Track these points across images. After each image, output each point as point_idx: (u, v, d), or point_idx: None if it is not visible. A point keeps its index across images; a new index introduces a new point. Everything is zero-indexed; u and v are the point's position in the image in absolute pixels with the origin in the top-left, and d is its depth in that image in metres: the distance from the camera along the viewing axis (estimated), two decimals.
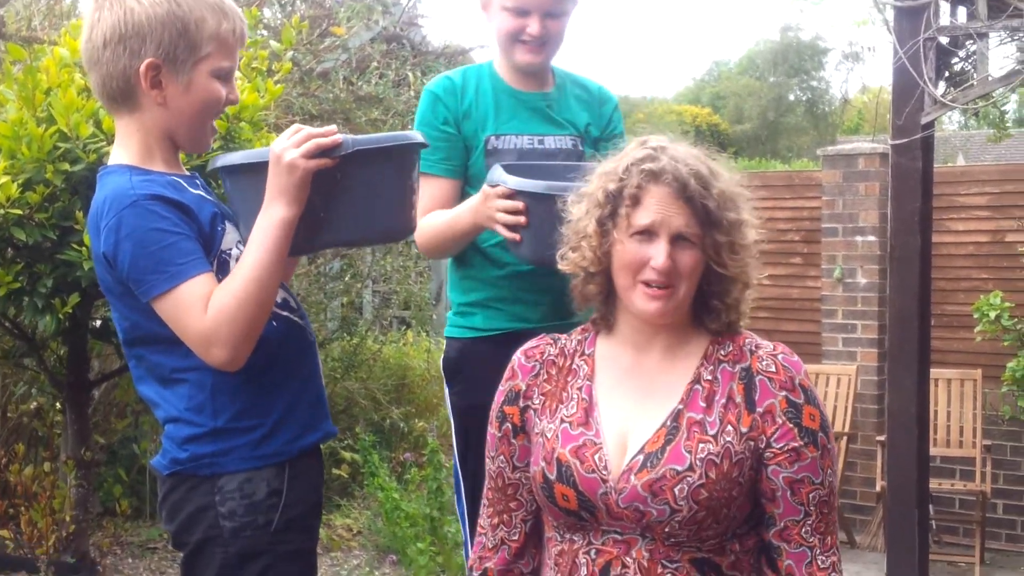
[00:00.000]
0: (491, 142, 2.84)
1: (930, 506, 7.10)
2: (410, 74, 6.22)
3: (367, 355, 7.31)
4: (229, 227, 2.22)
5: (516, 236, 2.57)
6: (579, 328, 2.17)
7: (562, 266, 2.11)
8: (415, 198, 2.31)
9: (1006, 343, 6.82)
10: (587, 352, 2.11)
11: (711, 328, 2.06)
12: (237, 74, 2.50)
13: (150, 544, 5.68)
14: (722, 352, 2.04)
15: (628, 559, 1.95)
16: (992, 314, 6.71)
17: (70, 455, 4.79)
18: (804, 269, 8.04)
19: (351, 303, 7.81)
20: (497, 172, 2.64)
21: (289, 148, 2.10)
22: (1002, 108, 5.94)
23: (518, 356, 2.15)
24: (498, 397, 2.14)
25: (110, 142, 3.55)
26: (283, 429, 2.21)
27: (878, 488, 6.89)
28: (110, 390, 5.73)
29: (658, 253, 1.96)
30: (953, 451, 7.14)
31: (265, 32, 5.21)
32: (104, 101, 2.25)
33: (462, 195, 2.85)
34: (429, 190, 2.80)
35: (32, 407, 5.53)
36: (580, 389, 2.06)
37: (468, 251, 2.86)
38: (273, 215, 2.11)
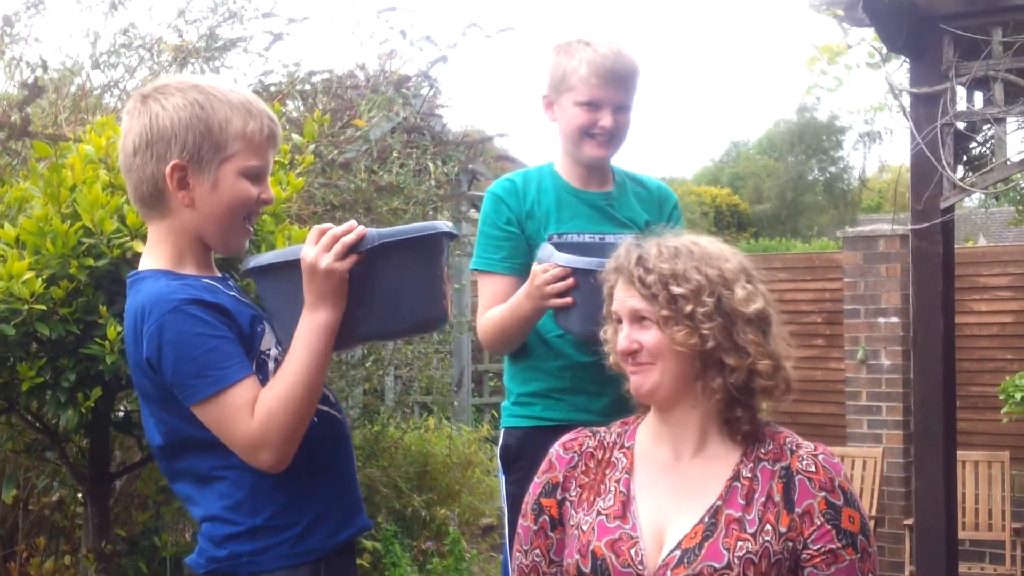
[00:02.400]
0: (553, 240, 2.87)
1: None
2: (430, 163, 6.29)
3: (389, 442, 7.28)
4: (267, 328, 2.24)
5: (568, 300, 2.63)
6: (619, 422, 2.19)
7: (610, 362, 2.18)
8: (446, 287, 2.32)
9: None
10: (626, 445, 2.13)
11: (728, 420, 2.06)
12: None
13: None
14: (762, 451, 2.05)
15: None
16: (1018, 395, 6.66)
17: (91, 548, 4.76)
18: (827, 351, 8.02)
19: (373, 389, 7.80)
20: (546, 250, 2.70)
21: (321, 255, 2.12)
22: (1022, 190, 5.95)
23: (556, 448, 2.17)
24: (534, 489, 2.15)
25: (134, 237, 3.59)
26: (320, 526, 2.20)
27: (906, 573, 6.79)
28: (131, 482, 5.72)
29: (620, 337, 2.07)
30: (982, 534, 7.05)
31: (287, 125, 5.28)
32: (138, 207, 2.28)
33: None
34: (492, 288, 2.88)
35: (54, 499, 5.52)
36: (618, 482, 2.07)
37: (530, 341, 2.89)
38: (317, 320, 2.13)
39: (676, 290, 2.03)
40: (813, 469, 2.00)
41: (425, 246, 2.24)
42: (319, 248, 2.12)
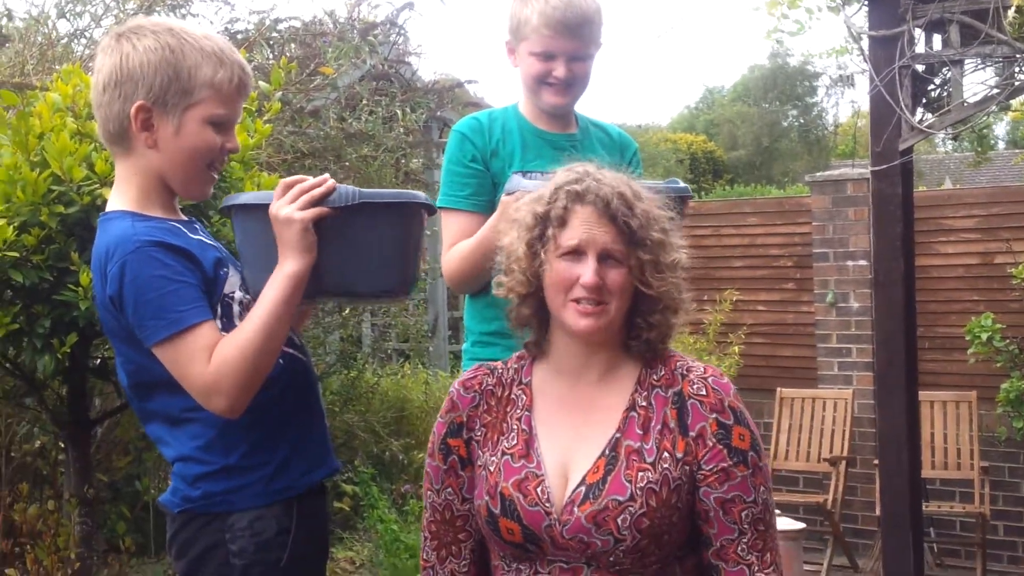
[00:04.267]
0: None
1: (931, 529, 7.15)
2: (399, 111, 6.30)
3: (365, 388, 7.34)
4: (232, 271, 2.26)
5: None
6: (514, 356, 2.21)
7: (496, 292, 2.17)
8: (417, 261, 2.33)
9: (999, 364, 6.87)
10: (524, 381, 2.15)
11: (636, 350, 2.09)
12: None
13: None
14: (655, 377, 2.08)
15: None
16: (984, 335, 6.77)
17: (73, 493, 4.82)
18: (798, 294, 8.11)
19: (349, 336, 7.86)
20: (513, 180, 2.69)
21: (284, 204, 2.15)
22: (981, 131, 6.00)
23: (456, 387, 2.18)
24: (438, 429, 2.16)
25: (103, 184, 3.62)
26: (292, 466, 2.23)
27: (878, 512, 6.92)
28: (112, 428, 5.77)
29: (586, 271, 2.01)
30: (951, 473, 7.18)
31: (255, 73, 5.30)
32: (105, 143, 2.31)
33: None
34: (457, 224, 2.87)
35: (35, 446, 5.57)
36: (520, 420, 2.09)
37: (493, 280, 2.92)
38: (281, 270, 2.16)
39: (655, 236, 2.05)
40: (704, 392, 2.04)
41: (401, 213, 2.25)
42: (285, 198, 2.16)
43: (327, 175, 2.22)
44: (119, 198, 2.25)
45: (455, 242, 2.86)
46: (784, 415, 7.66)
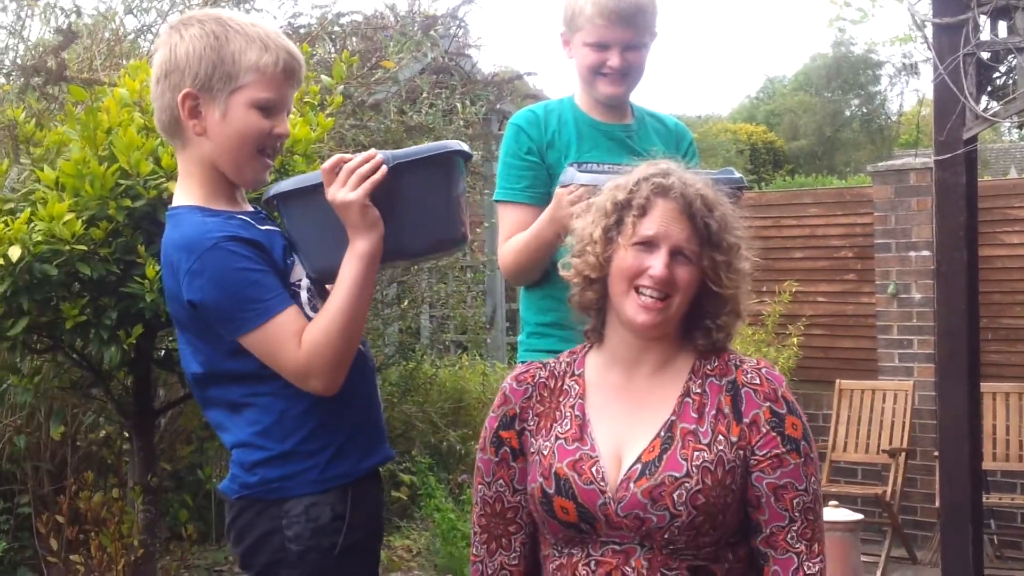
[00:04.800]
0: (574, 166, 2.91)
1: (991, 521, 7.06)
2: (459, 104, 6.34)
3: (424, 379, 7.40)
4: (297, 259, 2.30)
5: None
6: (566, 352, 2.24)
7: (563, 272, 2.20)
8: (461, 208, 2.33)
9: None
10: (577, 373, 2.18)
11: (698, 346, 2.13)
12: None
13: (216, 567, 5.80)
14: (708, 367, 2.12)
15: (628, 568, 2.00)
16: None
17: (137, 482, 4.91)
18: (858, 285, 8.04)
19: (408, 328, 7.92)
20: (568, 173, 2.71)
21: (336, 189, 2.18)
22: None
23: (509, 382, 2.21)
24: (490, 423, 2.19)
25: (169, 178, 3.68)
26: (347, 453, 2.26)
27: (937, 503, 6.85)
28: (175, 418, 5.87)
29: (657, 262, 2.04)
30: (1013, 465, 7.09)
31: (317, 67, 5.35)
32: (164, 136, 2.34)
33: None
34: (513, 217, 2.90)
35: (100, 436, 5.68)
36: (573, 407, 2.12)
37: (549, 270, 2.88)
38: (353, 250, 2.19)
39: (731, 240, 2.10)
40: (757, 381, 2.08)
41: (437, 165, 2.27)
42: (337, 182, 2.18)
43: (373, 150, 2.24)
44: (184, 193, 2.29)
45: (512, 234, 2.88)
46: (843, 407, 7.60)
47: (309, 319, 2.20)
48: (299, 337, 2.14)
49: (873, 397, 7.58)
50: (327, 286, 2.30)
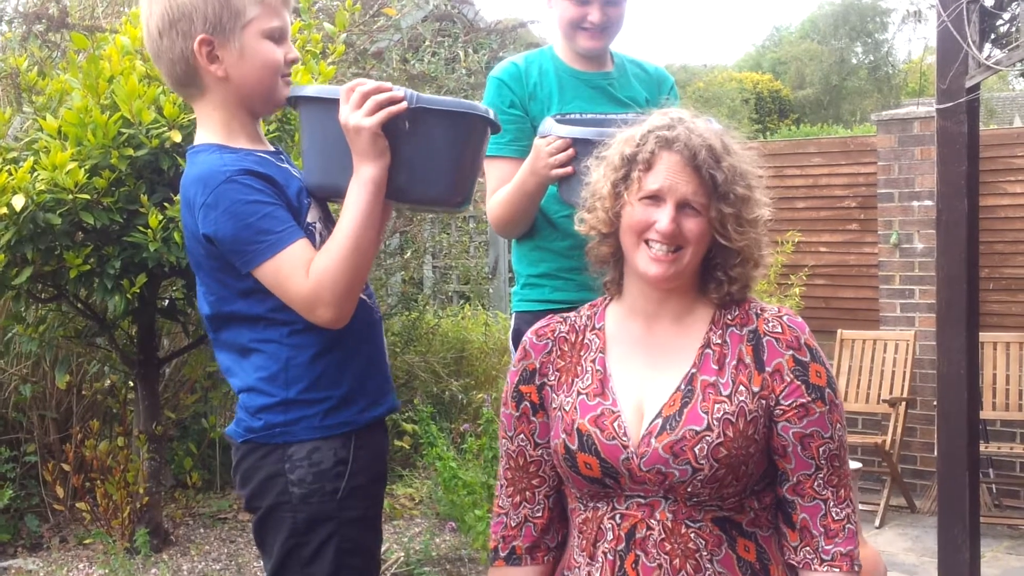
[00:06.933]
0: (556, 118, 2.89)
1: (990, 470, 7.11)
2: (461, 52, 6.32)
3: (426, 329, 7.43)
4: (313, 201, 2.30)
5: (568, 169, 2.66)
6: (587, 304, 2.24)
7: (578, 227, 2.19)
8: (473, 173, 2.33)
9: None
10: (597, 326, 2.18)
11: (714, 298, 2.12)
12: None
13: (220, 514, 5.86)
14: (729, 317, 2.11)
15: (652, 521, 2.01)
16: None
17: (142, 430, 4.97)
18: (861, 235, 8.02)
19: (411, 278, 7.93)
20: (546, 124, 2.73)
21: (351, 112, 2.17)
22: None
23: (529, 336, 2.22)
24: (511, 378, 2.21)
25: (171, 127, 3.69)
26: (351, 402, 2.28)
27: (935, 454, 6.89)
28: (179, 367, 5.92)
29: (663, 217, 2.04)
30: (1012, 415, 7.11)
31: (319, 15, 5.33)
32: (176, 89, 2.33)
33: None
34: (498, 171, 2.92)
35: (105, 385, 5.72)
36: (594, 362, 2.13)
37: (538, 222, 2.95)
38: (359, 176, 2.19)
39: (740, 191, 2.07)
40: (779, 330, 2.07)
41: (459, 123, 2.25)
42: (350, 104, 2.18)
43: (388, 83, 2.23)
44: (204, 133, 2.29)
45: (497, 188, 2.91)
46: (844, 357, 7.63)
47: None
48: (307, 267, 2.15)
49: (875, 347, 7.61)
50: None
